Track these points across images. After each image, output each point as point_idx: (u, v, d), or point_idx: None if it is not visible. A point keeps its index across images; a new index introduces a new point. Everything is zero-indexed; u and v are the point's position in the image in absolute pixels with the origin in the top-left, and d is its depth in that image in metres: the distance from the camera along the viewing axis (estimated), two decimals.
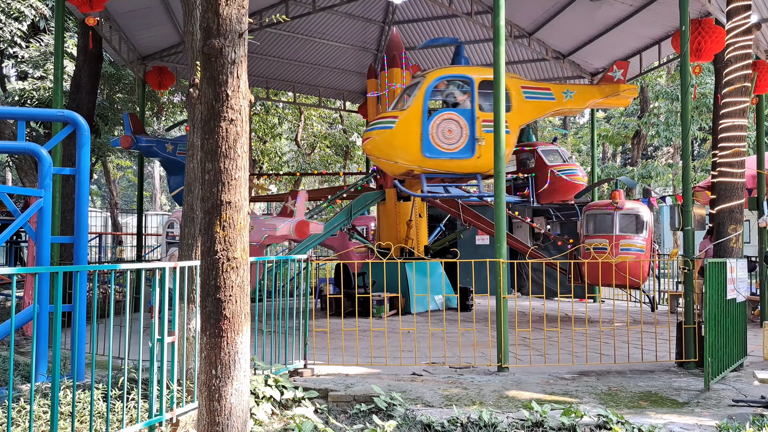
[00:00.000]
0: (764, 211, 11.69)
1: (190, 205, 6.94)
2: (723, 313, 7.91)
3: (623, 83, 13.07)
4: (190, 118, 7.06)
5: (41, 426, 5.50)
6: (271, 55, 18.81)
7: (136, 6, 13.76)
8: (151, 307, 5.70)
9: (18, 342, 9.78)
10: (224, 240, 4.33)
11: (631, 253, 12.01)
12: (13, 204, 7.58)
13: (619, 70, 13.09)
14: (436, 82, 11.71)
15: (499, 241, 8.48)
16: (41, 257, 7.21)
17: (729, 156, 9.16)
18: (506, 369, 8.25)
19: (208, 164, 4.36)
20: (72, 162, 9.33)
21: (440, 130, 11.27)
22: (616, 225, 12.34)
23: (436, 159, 11.33)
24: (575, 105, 12.81)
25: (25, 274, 7.28)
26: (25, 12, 17.12)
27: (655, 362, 8.76)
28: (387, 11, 18.18)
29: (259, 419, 6.23)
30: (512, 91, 11.96)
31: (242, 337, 4.40)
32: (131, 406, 5.80)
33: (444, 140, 11.27)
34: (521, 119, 12.22)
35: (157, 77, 15.77)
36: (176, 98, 24.06)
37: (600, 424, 6.05)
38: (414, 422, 6.19)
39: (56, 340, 4.88)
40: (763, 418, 6.10)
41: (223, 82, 4.30)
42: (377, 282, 13.99)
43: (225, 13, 4.28)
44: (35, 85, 17.87)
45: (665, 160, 35.41)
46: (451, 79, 11.83)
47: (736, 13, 9.14)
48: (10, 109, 8.66)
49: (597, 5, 14.30)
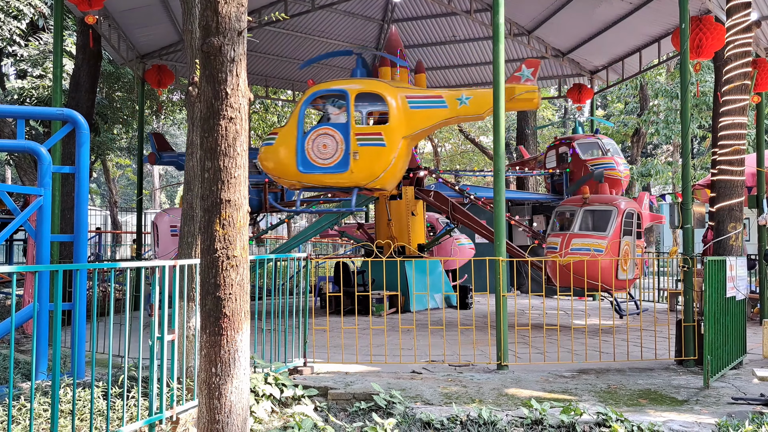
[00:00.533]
0: (764, 209, 11.69)
1: (189, 204, 6.94)
2: (722, 311, 7.92)
3: (532, 84, 11.80)
4: (190, 116, 7.06)
5: (41, 424, 5.50)
6: (270, 54, 18.81)
7: (135, 4, 13.75)
8: (151, 305, 5.71)
9: (18, 340, 9.78)
10: (224, 238, 4.33)
11: (584, 253, 10.90)
12: (13, 202, 7.58)
13: (528, 70, 11.87)
14: (311, 97, 11.79)
15: (499, 240, 8.48)
16: (41, 256, 7.21)
17: (729, 154, 9.17)
18: (506, 367, 8.25)
19: (208, 162, 4.36)
20: (71, 160, 9.32)
21: (316, 145, 11.33)
22: (577, 222, 11.53)
23: (311, 174, 11.38)
24: (473, 111, 11.83)
25: (25, 272, 7.29)
26: (24, 10, 17.12)
27: (655, 360, 8.76)
28: (386, 9, 18.18)
29: (259, 417, 6.23)
30: (394, 102, 11.67)
31: (242, 335, 4.40)
32: (131, 404, 5.81)
33: (319, 155, 11.31)
34: (407, 130, 11.69)
35: (157, 76, 15.77)
36: (175, 96, 24.04)
37: (599, 422, 6.06)
38: (413, 420, 6.19)
39: (56, 338, 4.88)
40: (762, 416, 6.11)
41: (222, 81, 4.30)
42: (377, 280, 13.99)
43: (224, 11, 4.28)
44: (34, 83, 17.86)
45: (665, 158, 35.41)
46: (326, 94, 11.85)
47: (736, 10, 9.14)
48: (10, 108, 8.66)
49: (596, 3, 14.30)
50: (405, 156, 11.98)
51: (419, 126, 11.75)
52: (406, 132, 11.65)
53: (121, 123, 22.08)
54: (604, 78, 18.22)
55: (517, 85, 11.74)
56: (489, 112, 11.79)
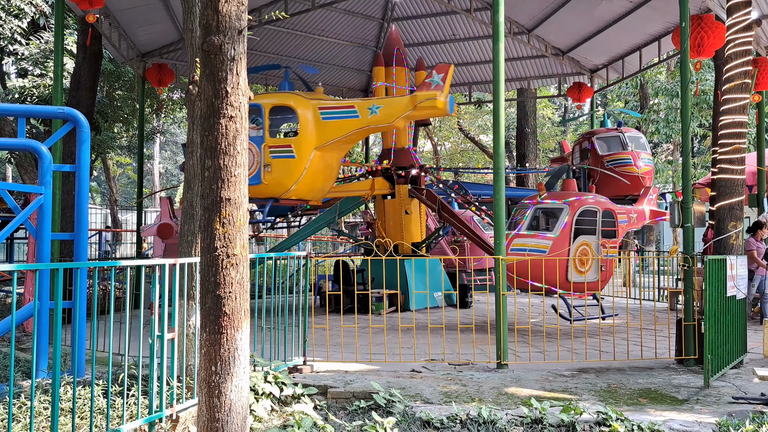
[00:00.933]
0: (764, 207, 11.70)
1: (189, 202, 6.94)
2: (723, 310, 7.91)
3: (440, 90, 11.41)
4: (190, 115, 7.06)
5: (42, 422, 5.51)
6: (270, 52, 18.81)
7: (136, 3, 13.74)
8: (152, 303, 5.71)
9: (18, 338, 9.79)
10: (224, 237, 4.34)
11: (524, 253, 10.41)
12: (14, 201, 7.59)
13: (439, 75, 11.50)
14: (258, 106, 11.91)
15: (498, 239, 8.49)
16: (41, 254, 7.21)
17: (729, 153, 9.17)
18: (505, 366, 8.26)
19: (208, 161, 4.36)
20: (72, 159, 9.33)
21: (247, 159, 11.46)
22: (525, 221, 11.04)
23: (254, 185, 11.52)
24: (383, 120, 11.77)
25: (25, 270, 7.29)
26: (25, 9, 17.12)
27: (655, 359, 8.76)
28: (386, 8, 18.18)
29: (258, 415, 6.24)
30: (305, 114, 11.78)
31: (242, 333, 4.41)
32: (131, 402, 5.81)
33: (250, 168, 11.49)
34: (319, 141, 11.81)
35: (157, 74, 15.76)
36: (176, 95, 24.04)
37: (599, 421, 6.06)
38: (413, 419, 6.20)
39: (56, 336, 4.89)
40: (762, 415, 6.11)
41: (222, 79, 4.30)
42: (376, 279, 13.99)
43: (224, 10, 4.28)
44: (35, 82, 17.85)
45: (665, 156, 35.37)
46: (262, 108, 11.95)
47: (737, 9, 9.14)
48: (11, 106, 8.66)
49: (597, 2, 14.29)
50: (322, 166, 11.94)
51: (332, 136, 11.78)
52: (318, 143, 11.71)
53: (122, 121, 22.07)
54: (604, 76, 18.21)
55: (419, 93, 11.59)
56: (400, 121, 11.90)
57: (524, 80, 20.17)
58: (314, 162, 11.68)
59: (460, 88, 21.55)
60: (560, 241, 10.72)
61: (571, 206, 10.98)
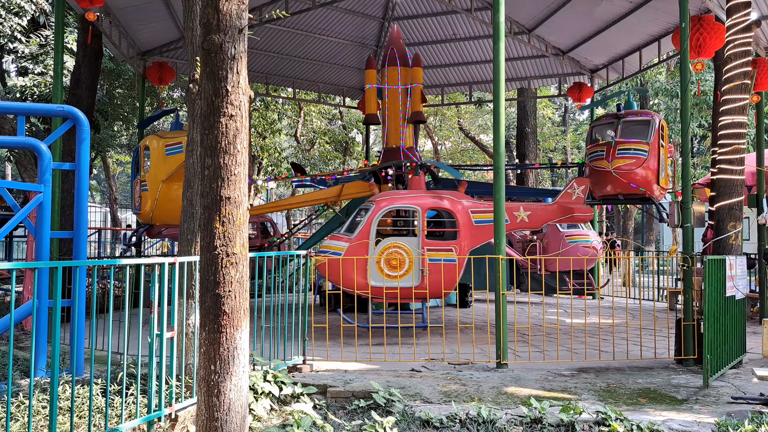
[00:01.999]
0: (764, 208, 11.69)
1: (189, 201, 6.94)
2: (722, 311, 7.92)
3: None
4: (190, 113, 7.05)
5: (40, 421, 5.50)
6: (270, 51, 18.80)
7: (136, 1, 13.73)
8: (151, 302, 5.71)
9: (17, 337, 9.78)
10: (224, 236, 4.33)
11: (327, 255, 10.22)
12: (13, 199, 7.58)
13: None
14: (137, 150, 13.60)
15: (498, 238, 8.48)
16: (41, 252, 7.21)
17: (728, 153, 9.17)
18: (505, 365, 8.26)
19: (208, 160, 4.36)
20: (72, 157, 9.31)
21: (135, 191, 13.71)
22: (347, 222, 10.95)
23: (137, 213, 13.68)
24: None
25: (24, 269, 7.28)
26: (25, 7, 17.11)
27: (654, 359, 8.77)
28: (387, 7, 18.17)
29: (257, 415, 6.24)
30: (154, 152, 13.00)
31: (241, 332, 4.40)
32: (130, 401, 5.81)
33: (136, 200, 13.58)
34: (164, 175, 12.89)
35: (157, 73, 15.75)
36: (176, 94, 24.04)
37: (598, 421, 6.06)
38: (413, 418, 6.19)
39: (55, 335, 4.89)
40: (761, 416, 6.11)
41: (222, 78, 4.30)
42: None
43: (225, 8, 4.27)
44: (35, 80, 17.85)
45: None
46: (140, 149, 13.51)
47: (736, 10, 9.14)
48: (10, 104, 8.64)
49: (597, 2, 14.29)
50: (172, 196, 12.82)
51: (171, 169, 12.90)
52: (164, 176, 12.95)
53: (122, 120, 22.08)
54: (604, 77, 18.20)
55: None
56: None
57: (524, 80, 20.17)
58: (163, 192, 13.02)
59: (461, 87, 21.54)
60: (356, 242, 10.35)
61: (376, 206, 10.54)
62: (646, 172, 11.89)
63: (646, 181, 11.92)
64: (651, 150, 11.92)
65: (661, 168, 12.08)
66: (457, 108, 30.57)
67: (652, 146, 11.93)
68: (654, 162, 11.92)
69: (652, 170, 11.92)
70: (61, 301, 5.04)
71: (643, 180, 11.90)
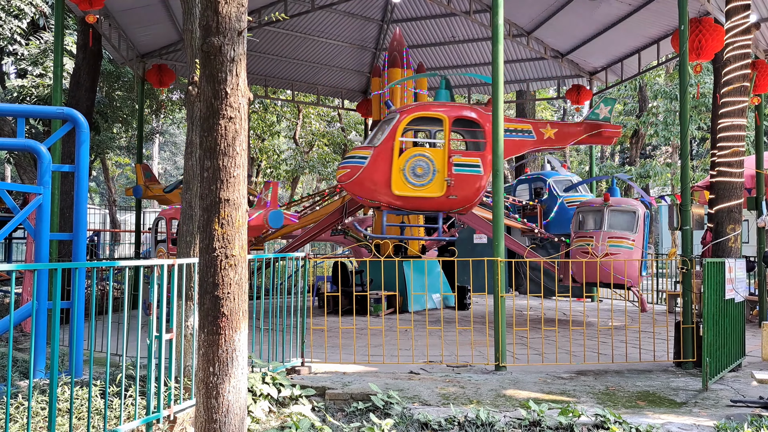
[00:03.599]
0: (763, 211, 11.70)
1: (188, 203, 6.94)
2: (721, 313, 7.92)
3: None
4: (189, 115, 7.06)
5: (39, 422, 5.50)
6: (270, 53, 18.82)
7: (136, 4, 13.76)
8: (150, 304, 5.71)
9: (16, 338, 9.78)
10: (222, 237, 4.34)
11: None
12: (12, 201, 7.58)
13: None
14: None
15: (497, 240, 8.49)
16: (40, 254, 7.21)
17: (728, 156, 9.17)
18: (504, 368, 8.25)
19: (207, 162, 4.36)
20: (71, 159, 9.32)
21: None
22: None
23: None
24: None
25: (24, 270, 7.28)
26: (24, 9, 17.12)
27: (653, 362, 8.76)
28: (386, 10, 18.20)
29: (256, 417, 6.23)
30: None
31: (240, 334, 4.41)
32: (129, 403, 5.81)
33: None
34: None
35: (157, 75, 15.77)
36: (175, 96, 24.05)
37: (597, 424, 6.06)
38: (411, 421, 6.19)
39: (54, 336, 4.88)
40: (761, 419, 6.11)
41: (222, 80, 4.30)
42: (375, 280, 13.99)
43: (224, 11, 4.28)
44: (35, 82, 17.85)
45: (664, 159, 35.44)
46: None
47: (735, 12, 9.15)
48: (10, 106, 8.65)
49: (596, 4, 14.31)
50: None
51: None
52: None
53: (121, 122, 22.07)
54: (603, 79, 18.23)
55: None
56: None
57: (523, 82, 20.20)
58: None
59: (460, 90, 21.56)
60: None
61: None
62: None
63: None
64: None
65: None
66: None
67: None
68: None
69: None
70: (60, 302, 5.04)
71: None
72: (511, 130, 11.79)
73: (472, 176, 11.22)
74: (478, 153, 11.45)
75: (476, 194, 11.33)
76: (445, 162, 10.97)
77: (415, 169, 10.78)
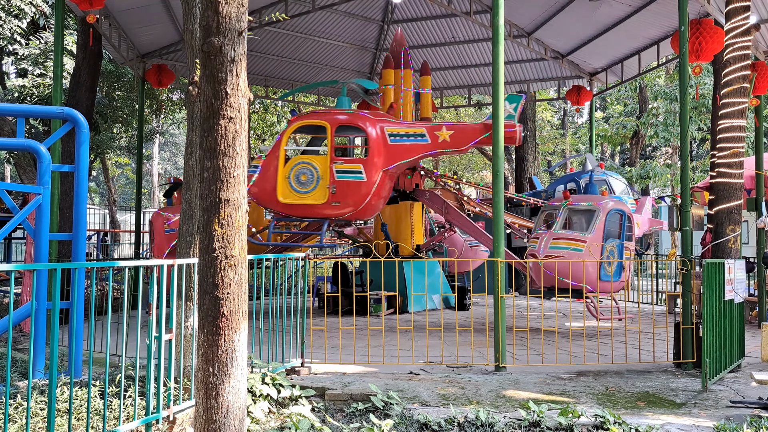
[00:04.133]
0: (762, 212, 11.70)
1: (188, 203, 6.94)
2: (721, 314, 7.92)
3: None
4: (189, 115, 7.06)
5: (38, 423, 5.49)
6: (270, 54, 18.82)
7: (136, 4, 13.75)
8: (149, 304, 5.70)
9: (16, 339, 9.77)
10: (222, 238, 4.33)
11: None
12: (12, 201, 7.58)
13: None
14: None
15: (497, 241, 8.48)
16: (39, 254, 7.20)
17: (728, 157, 9.17)
18: (503, 369, 8.25)
19: (207, 162, 4.36)
20: (71, 159, 9.31)
21: None
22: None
23: None
24: None
25: (23, 270, 7.27)
26: (25, 9, 17.11)
27: (653, 363, 8.76)
28: (386, 10, 18.20)
29: (256, 417, 6.23)
30: None
31: (240, 334, 4.40)
32: (128, 403, 5.80)
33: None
34: None
35: (157, 75, 15.77)
36: (175, 96, 24.03)
37: (597, 425, 6.06)
38: (411, 421, 6.19)
39: (54, 337, 4.88)
40: (760, 420, 6.11)
41: (222, 80, 4.30)
42: (375, 281, 13.99)
43: (225, 11, 4.28)
44: (35, 82, 17.85)
45: (663, 160, 35.45)
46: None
47: (735, 14, 9.15)
48: (10, 106, 8.65)
49: (596, 5, 14.31)
50: None
51: None
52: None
53: (121, 122, 22.06)
54: (603, 80, 18.23)
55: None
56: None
57: (524, 83, 20.20)
58: None
59: (460, 90, 21.56)
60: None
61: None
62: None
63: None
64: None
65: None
66: (456, 111, 30.58)
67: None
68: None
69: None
70: (59, 302, 5.04)
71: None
72: (403, 135, 11.82)
73: (355, 182, 11.36)
74: (361, 159, 11.65)
75: (361, 200, 11.44)
76: (327, 169, 11.08)
77: (300, 177, 11.04)
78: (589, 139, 18.60)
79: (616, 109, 37.29)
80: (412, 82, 14.86)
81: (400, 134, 11.82)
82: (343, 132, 12.22)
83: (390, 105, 13.73)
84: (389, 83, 14.78)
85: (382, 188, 11.77)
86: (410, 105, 13.99)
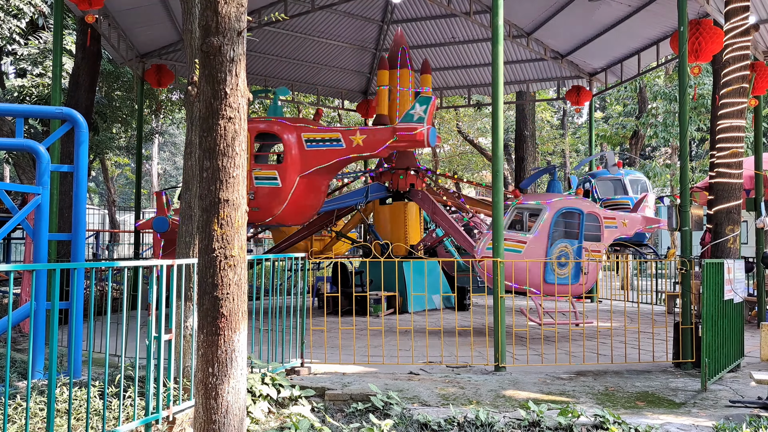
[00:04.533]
0: (762, 212, 11.71)
1: (188, 203, 6.94)
2: (720, 314, 7.92)
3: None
4: (189, 115, 7.06)
5: (38, 423, 5.49)
6: (269, 54, 18.81)
7: (135, 4, 13.74)
8: (149, 304, 5.70)
9: (15, 339, 9.77)
10: (222, 238, 4.33)
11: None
12: (11, 201, 7.57)
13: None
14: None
15: (497, 241, 8.49)
16: (39, 254, 7.20)
17: (727, 157, 9.18)
18: (503, 368, 8.25)
19: (206, 162, 4.36)
20: (70, 159, 9.30)
21: None
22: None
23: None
24: None
25: (22, 271, 7.27)
26: (24, 9, 17.10)
27: (652, 362, 8.77)
28: (386, 10, 18.19)
29: (255, 417, 6.23)
30: None
31: (239, 335, 4.40)
32: (128, 403, 5.80)
33: None
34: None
35: (156, 75, 15.75)
36: (175, 96, 24.02)
37: (597, 424, 6.06)
38: (411, 421, 6.19)
39: (53, 337, 4.88)
40: (759, 419, 6.12)
41: (221, 80, 4.30)
42: (375, 281, 13.99)
43: (224, 11, 4.28)
44: (34, 82, 17.84)
45: (663, 160, 35.47)
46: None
47: (735, 14, 9.15)
48: (9, 106, 8.64)
49: (595, 5, 14.31)
50: None
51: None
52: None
53: (120, 122, 22.06)
54: (602, 80, 18.22)
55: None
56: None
57: (523, 83, 20.19)
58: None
59: (460, 90, 21.55)
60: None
61: None
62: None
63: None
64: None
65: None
66: (455, 111, 30.58)
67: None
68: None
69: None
70: (59, 303, 5.03)
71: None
72: (318, 140, 12.08)
73: (271, 188, 11.77)
74: (276, 165, 12.06)
75: (278, 205, 11.82)
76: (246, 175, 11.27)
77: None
78: (588, 140, 18.60)
79: (616, 110, 37.31)
80: (410, 81, 14.85)
81: (317, 140, 12.12)
82: (262, 139, 12.57)
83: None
84: (383, 84, 14.80)
85: (301, 194, 12.06)
86: (408, 104, 13.99)
